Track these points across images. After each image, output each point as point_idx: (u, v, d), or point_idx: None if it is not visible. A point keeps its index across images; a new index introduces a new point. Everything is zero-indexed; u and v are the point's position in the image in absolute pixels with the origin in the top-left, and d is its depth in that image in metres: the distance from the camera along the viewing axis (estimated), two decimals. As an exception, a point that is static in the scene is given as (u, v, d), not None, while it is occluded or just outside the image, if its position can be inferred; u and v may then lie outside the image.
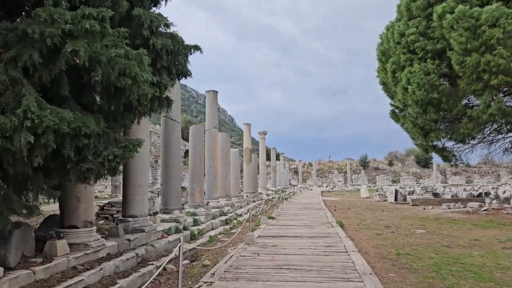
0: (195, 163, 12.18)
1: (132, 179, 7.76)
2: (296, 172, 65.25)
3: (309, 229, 11.24)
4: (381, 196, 27.14)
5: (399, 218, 15.59)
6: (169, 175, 9.84)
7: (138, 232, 7.46)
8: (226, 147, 16.65)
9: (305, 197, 31.04)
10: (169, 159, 9.91)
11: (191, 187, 12.11)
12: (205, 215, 11.83)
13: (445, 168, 68.92)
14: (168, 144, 9.95)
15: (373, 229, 12.34)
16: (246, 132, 23.23)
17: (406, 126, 17.63)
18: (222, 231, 11.43)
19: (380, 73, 17.69)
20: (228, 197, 16.42)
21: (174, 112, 10.07)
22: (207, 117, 14.70)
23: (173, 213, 9.71)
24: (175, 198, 9.89)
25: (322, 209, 18.99)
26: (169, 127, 10.01)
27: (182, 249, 4.80)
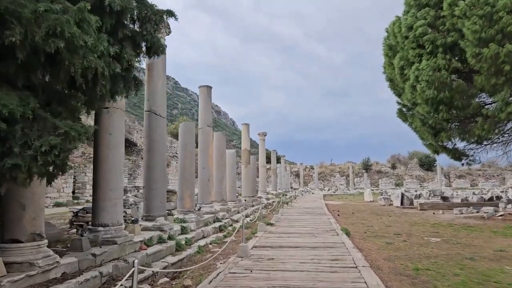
0: (185, 164, 11.02)
1: (102, 182, 6.60)
2: (297, 175, 64.03)
3: (312, 237, 10.05)
4: (386, 200, 25.92)
5: (409, 224, 14.38)
6: (153, 177, 8.69)
7: (109, 244, 6.30)
8: (222, 148, 15.49)
9: (307, 201, 29.84)
10: (152, 159, 8.75)
11: (181, 191, 10.95)
12: (195, 221, 10.65)
13: (449, 171, 67.79)
14: (151, 141, 8.80)
15: (382, 237, 11.15)
16: (245, 133, 22.06)
17: (415, 125, 16.45)
18: (215, 240, 10.26)
19: (387, 68, 16.53)
20: (224, 201, 15.24)
21: (159, 106, 8.94)
22: (200, 114, 13.54)
23: (156, 220, 8.54)
24: (159, 203, 8.72)
25: (325, 214, 17.79)
26: (153, 123, 8.86)
27: (136, 273, 3.59)
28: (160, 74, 9.01)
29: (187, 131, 11.17)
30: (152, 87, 8.91)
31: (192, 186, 11.05)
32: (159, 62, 9.01)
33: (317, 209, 21.06)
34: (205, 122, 13.45)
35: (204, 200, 13.15)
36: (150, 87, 8.92)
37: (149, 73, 8.96)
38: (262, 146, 29.75)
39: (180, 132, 11.21)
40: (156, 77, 8.95)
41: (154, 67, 8.94)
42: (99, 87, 3.91)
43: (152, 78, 8.92)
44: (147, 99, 8.98)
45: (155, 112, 8.86)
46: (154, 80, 8.92)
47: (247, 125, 22.07)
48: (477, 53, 11.06)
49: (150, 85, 8.92)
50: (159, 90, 8.94)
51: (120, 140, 6.82)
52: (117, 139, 6.75)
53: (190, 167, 11.03)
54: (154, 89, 8.91)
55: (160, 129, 8.91)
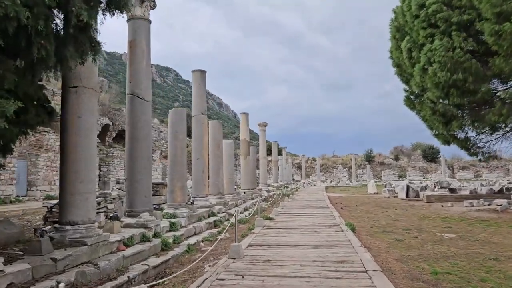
0: (175, 154, 10.09)
1: (71, 173, 5.68)
2: (299, 168, 63.14)
3: (314, 234, 9.13)
4: (390, 192, 24.99)
5: (417, 218, 13.45)
6: (136, 169, 7.76)
7: (77, 246, 5.39)
8: (218, 138, 14.55)
9: (309, 193, 28.94)
10: (136, 148, 7.81)
11: (171, 183, 10.03)
12: (187, 217, 9.75)
13: (453, 163, 66.91)
14: (134, 129, 7.85)
15: (391, 232, 10.24)
16: (243, 123, 21.08)
17: (424, 113, 15.44)
18: (208, 237, 9.35)
19: (394, 53, 15.48)
20: (221, 194, 14.34)
21: (143, 88, 7.98)
22: (194, 101, 12.58)
23: (140, 216, 7.63)
24: (144, 198, 7.81)
25: (327, 207, 16.88)
26: (136, 107, 7.91)
27: None
28: (144, 52, 8.04)
29: (177, 118, 10.22)
30: (134, 66, 7.96)
31: (183, 178, 10.13)
32: (142, 39, 8.05)
33: (319, 202, 20.16)
34: (199, 109, 12.50)
35: (198, 193, 12.24)
36: (132, 67, 7.97)
37: (131, 51, 7.99)
38: (262, 137, 28.78)
39: (170, 119, 10.26)
40: (139, 55, 7.98)
41: (137, 44, 7.98)
42: (36, 47, 2.95)
43: (135, 57, 7.96)
44: (129, 81, 8.02)
45: (138, 96, 7.91)
46: (137, 59, 7.96)
47: (246, 114, 21.09)
48: (496, 30, 10.03)
49: (133, 65, 7.97)
50: (142, 70, 7.98)
51: (91, 125, 5.88)
52: (88, 124, 5.81)
53: (181, 157, 10.10)
54: (137, 69, 7.95)
55: (144, 115, 7.96)
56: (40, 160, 19.66)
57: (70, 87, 5.79)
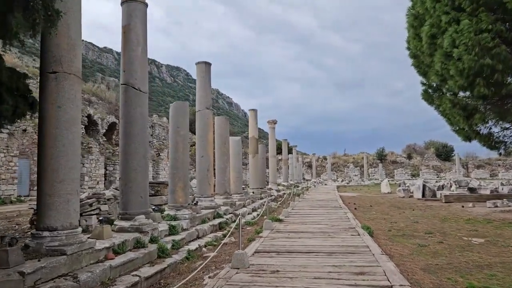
0: (177, 151, 9.33)
1: (49, 171, 4.95)
2: (309, 166, 62.17)
3: (327, 238, 8.30)
4: (405, 192, 23.99)
5: (438, 219, 12.52)
6: (131, 167, 7.01)
7: (55, 255, 4.65)
8: (225, 134, 13.77)
9: (320, 193, 28.05)
10: (130, 144, 7.06)
11: (172, 182, 9.28)
12: (189, 219, 8.99)
13: (467, 161, 65.50)
14: (129, 123, 7.10)
15: (411, 236, 9.36)
16: (252, 119, 20.26)
17: (443, 107, 14.43)
18: (212, 241, 8.58)
19: (412, 42, 14.51)
20: (227, 194, 13.57)
21: (138, 78, 7.23)
22: (198, 95, 11.82)
23: (135, 220, 6.88)
24: (139, 199, 7.05)
25: (340, 208, 16.02)
26: (131, 99, 7.15)
27: None
28: (139, 38, 7.28)
29: (179, 113, 9.46)
30: (129, 54, 7.20)
31: (185, 177, 9.37)
32: (137, 23, 7.29)
33: (331, 202, 19.29)
34: (203, 103, 11.73)
35: (202, 193, 11.48)
36: (126, 54, 7.21)
37: (125, 37, 7.24)
38: (272, 134, 27.94)
39: (171, 114, 9.51)
40: (134, 41, 7.23)
41: (131, 28, 7.22)
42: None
43: (129, 43, 7.21)
44: (123, 70, 7.27)
45: (133, 86, 7.16)
46: (131, 46, 7.21)
47: (255, 111, 20.28)
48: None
49: (127, 52, 7.21)
50: (138, 57, 7.23)
51: (74, 116, 5.13)
52: (69, 115, 5.06)
53: (183, 155, 9.34)
54: (132, 57, 7.20)
55: (140, 107, 7.21)
56: (43, 158, 19.11)
57: (49, 72, 5.05)
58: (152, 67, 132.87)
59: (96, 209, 7.36)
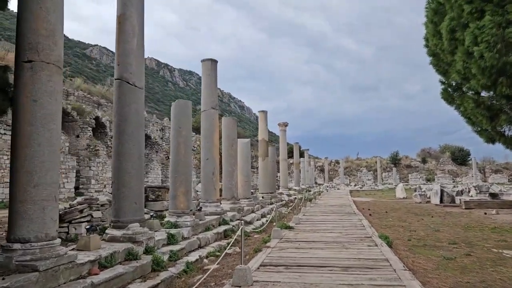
0: (178, 153, 8.67)
1: (22, 173, 4.31)
2: (322, 170, 61.18)
3: (342, 249, 7.52)
4: (422, 197, 22.99)
5: (461, 228, 11.64)
6: (124, 169, 6.36)
7: (25, 272, 4.00)
8: (232, 136, 13.09)
9: (333, 198, 27.18)
10: (124, 145, 6.42)
11: (173, 187, 8.61)
12: (191, 226, 8.31)
13: (484, 166, 63.95)
14: (123, 121, 6.46)
15: (434, 247, 8.54)
16: (262, 121, 19.56)
17: (465, 107, 13.53)
18: (214, 251, 7.88)
19: (431, 39, 13.66)
20: (235, 199, 12.87)
21: (133, 72, 6.59)
22: (203, 94, 11.18)
23: (128, 228, 6.22)
24: (133, 205, 6.39)
25: (354, 214, 15.19)
26: (126, 95, 6.51)
27: None
28: (135, 28, 6.65)
29: (180, 112, 8.80)
30: (123, 46, 6.57)
31: (187, 181, 8.70)
32: (133, 12, 6.66)
33: (344, 207, 18.45)
34: (209, 103, 11.08)
35: (207, 198, 10.81)
36: (121, 47, 6.59)
37: (119, 28, 6.62)
38: (283, 137, 27.17)
39: (172, 113, 8.86)
40: (129, 32, 6.60)
41: (126, 18, 6.60)
42: None
43: (124, 34, 6.58)
44: (117, 63, 6.64)
45: (127, 81, 6.52)
46: (126, 37, 6.58)
47: (265, 112, 19.58)
48: None
49: (121, 44, 6.58)
50: (133, 50, 6.60)
51: (52, 111, 4.50)
52: (46, 109, 4.43)
53: (185, 157, 8.67)
54: (127, 49, 6.57)
55: (135, 104, 6.56)
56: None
57: (24, 61, 4.44)
58: (165, 71, 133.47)
59: (88, 215, 6.73)
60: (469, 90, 13.50)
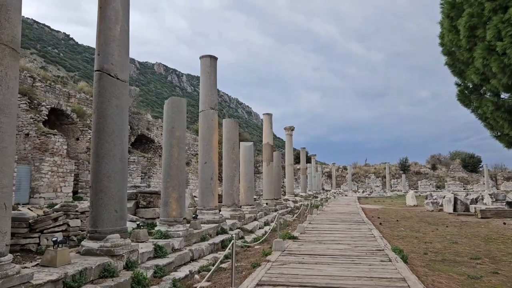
0: (171, 155, 7.89)
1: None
2: (329, 176, 60.15)
3: (351, 265, 6.66)
4: (434, 205, 21.98)
5: (481, 239, 10.70)
6: (103, 172, 5.58)
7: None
8: (234, 139, 12.29)
9: (340, 205, 26.23)
10: (104, 145, 5.64)
11: (165, 193, 7.82)
12: (183, 236, 7.51)
13: (496, 173, 62.53)
14: (102, 117, 5.69)
15: (454, 262, 7.64)
16: (266, 124, 18.74)
17: (484, 110, 12.57)
18: (208, 264, 7.04)
19: (446, 36, 12.74)
20: (235, 206, 12.05)
21: (116, 63, 5.83)
22: (201, 93, 10.41)
23: (107, 239, 5.44)
24: (113, 213, 5.61)
25: (363, 223, 14.28)
26: (105, 89, 5.75)
27: None
28: (118, 14, 5.90)
29: (174, 111, 8.03)
30: (105, 33, 5.82)
31: (181, 186, 7.90)
32: (116, -4, 5.92)
33: (353, 215, 17.53)
34: (207, 102, 10.31)
35: (205, 204, 10.01)
36: (102, 35, 5.84)
37: (100, 13, 5.87)
38: (289, 142, 26.33)
39: (165, 112, 8.09)
40: (112, 18, 5.85)
41: (108, 3, 5.85)
42: None
43: (106, 21, 5.83)
44: (97, 53, 5.90)
45: (108, 73, 5.76)
46: (108, 24, 5.83)
47: (269, 115, 18.77)
48: None
49: (103, 31, 5.84)
50: (115, 38, 5.84)
51: (3, 102, 3.73)
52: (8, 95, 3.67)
53: (178, 160, 7.89)
54: (108, 37, 5.82)
55: (117, 99, 5.79)
56: (45, 164, 18.01)
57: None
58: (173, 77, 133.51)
59: (63, 224, 5.96)
60: (487, 92, 12.62)
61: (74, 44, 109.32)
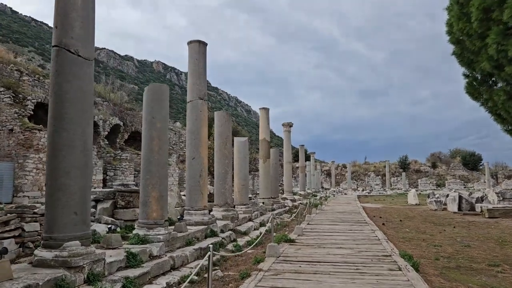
0: (151, 149, 6.97)
1: None
2: (328, 175, 59.27)
3: (356, 275, 5.75)
4: (438, 204, 21.09)
5: (495, 242, 9.81)
6: (60, 167, 4.67)
7: None
8: (226, 133, 11.37)
9: (340, 203, 25.33)
10: (60, 133, 4.72)
11: (144, 191, 6.90)
12: (164, 241, 6.60)
13: (497, 171, 61.79)
14: (60, 101, 4.77)
15: (471, 269, 6.76)
16: (263, 119, 17.81)
17: (495, 101, 11.62)
18: (191, 274, 6.12)
19: (455, 24, 11.72)
20: (228, 205, 11.14)
21: (77, 37, 4.90)
22: (189, 82, 9.49)
23: (64, 247, 4.53)
24: (73, 216, 4.70)
25: (365, 223, 13.38)
26: (64, 67, 4.82)
27: None
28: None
29: (154, 99, 7.11)
30: (64, 2, 4.89)
31: (162, 184, 6.98)
32: (77, -42, 4.98)
33: (354, 215, 16.63)
34: (195, 92, 9.39)
35: (193, 204, 9.10)
36: (60, 4, 4.90)
37: (59, -22, 4.94)
38: (287, 139, 25.39)
39: (145, 100, 7.16)
40: (72, -16, 4.92)
41: (67, -34, 4.91)
42: None
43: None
44: (55, 26, 4.96)
45: (68, 49, 4.83)
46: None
47: (266, 109, 17.84)
48: None
49: (61, 0, 4.90)
50: (77, 8, 4.91)
51: None
52: None
53: (159, 155, 6.97)
54: (67, 6, 4.89)
55: (78, 80, 4.86)
56: (29, 161, 17.06)
57: None
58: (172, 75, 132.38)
59: (16, 229, 5.04)
60: (499, 81, 11.72)
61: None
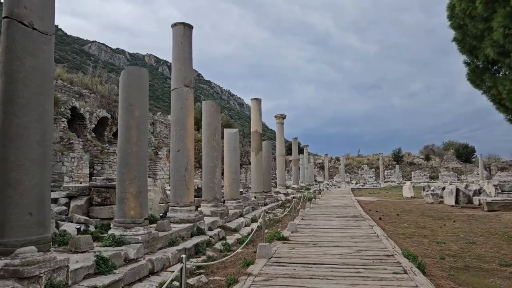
0: (128, 141, 6.26)
1: None
2: (322, 168, 58.82)
3: (357, 281, 5.12)
4: (434, 197, 20.60)
5: (501, 238, 9.26)
6: (11, 159, 3.95)
7: None
8: (214, 124, 10.66)
9: (334, 197, 24.80)
10: (11, 120, 4.00)
11: (121, 187, 6.20)
12: (143, 242, 5.91)
13: (490, 163, 61.88)
14: (11, 82, 4.04)
15: (481, 270, 6.17)
16: (255, 111, 17.09)
17: (499, 89, 11.09)
18: (172, 279, 5.45)
19: (458, 4, 11.21)
20: (217, 201, 10.47)
21: (29, 6, 4.16)
22: (173, 68, 8.73)
23: (16, 255, 3.82)
24: (27, 217, 4.00)
25: (362, 218, 12.79)
26: (16, 42, 4.08)
27: None
28: None
29: (132, 84, 6.37)
30: (15, -35, 4.14)
31: (141, 178, 6.28)
32: None
33: (349, 209, 16.07)
34: (180, 79, 8.65)
35: (178, 200, 8.40)
36: (11, -33, 4.15)
37: None
38: (280, 131, 24.72)
39: (121, 85, 6.43)
40: None
41: None
42: None
43: None
44: (5, -7, 4.22)
45: (21, 20, 4.09)
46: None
47: (258, 100, 17.12)
48: None
49: (12, -38, 4.15)
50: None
51: None
52: None
53: (137, 146, 6.26)
54: (19, -30, 4.13)
55: (34, 57, 4.13)
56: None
57: None
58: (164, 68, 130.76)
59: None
60: (504, 68, 11.13)
61: (63, 35, 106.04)
